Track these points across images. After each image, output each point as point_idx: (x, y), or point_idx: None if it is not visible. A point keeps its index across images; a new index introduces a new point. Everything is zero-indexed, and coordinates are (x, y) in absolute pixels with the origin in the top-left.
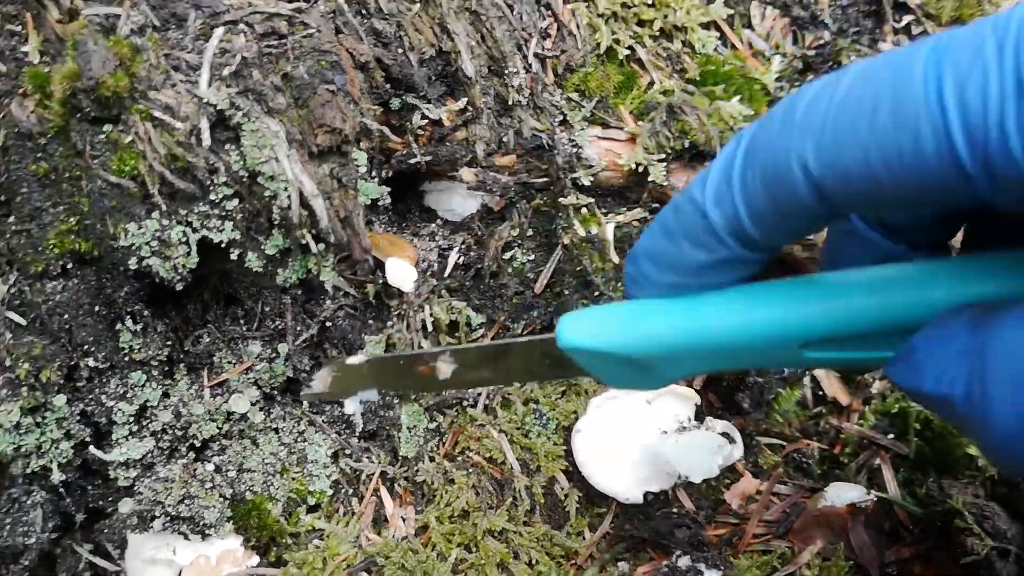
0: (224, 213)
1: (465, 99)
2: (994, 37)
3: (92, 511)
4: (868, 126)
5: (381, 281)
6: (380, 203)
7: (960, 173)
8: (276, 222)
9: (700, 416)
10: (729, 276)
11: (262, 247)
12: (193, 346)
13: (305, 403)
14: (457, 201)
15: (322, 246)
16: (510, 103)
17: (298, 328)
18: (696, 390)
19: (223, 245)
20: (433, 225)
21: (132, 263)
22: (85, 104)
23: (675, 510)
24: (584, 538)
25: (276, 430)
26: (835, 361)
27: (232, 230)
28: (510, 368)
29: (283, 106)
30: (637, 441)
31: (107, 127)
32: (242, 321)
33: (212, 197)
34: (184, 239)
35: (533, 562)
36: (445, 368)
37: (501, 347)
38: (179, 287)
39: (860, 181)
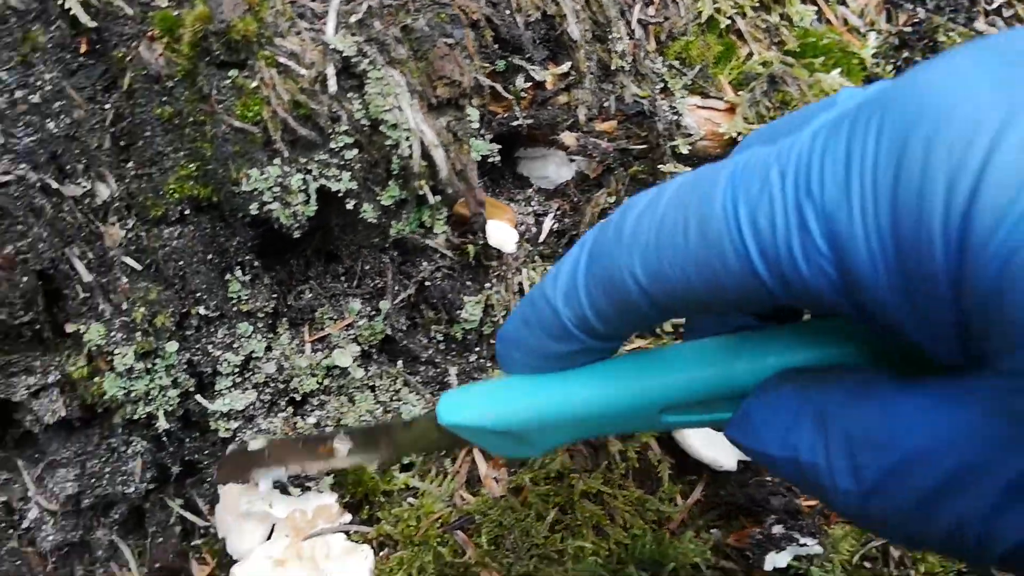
0: (343, 162)
1: (569, 63)
2: (777, 165)
3: (187, 464)
4: (683, 247)
5: (481, 242)
6: (489, 160)
7: (764, 288)
8: (394, 173)
9: None
10: (585, 360)
11: (378, 198)
12: (295, 301)
13: (400, 362)
14: (551, 168)
15: (438, 198)
16: (612, 68)
17: (396, 288)
18: None
19: (340, 194)
20: (530, 190)
21: (253, 208)
22: (215, 47)
23: (768, 479)
24: (676, 504)
25: (372, 388)
26: (692, 423)
27: (350, 180)
28: (400, 444)
29: (404, 57)
30: None
31: (233, 72)
32: (343, 278)
33: (332, 145)
34: (303, 187)
35: (628, 525)
36: (342, 448)
37: (386, 426)
38: (296, 235)
39: (682, 293)
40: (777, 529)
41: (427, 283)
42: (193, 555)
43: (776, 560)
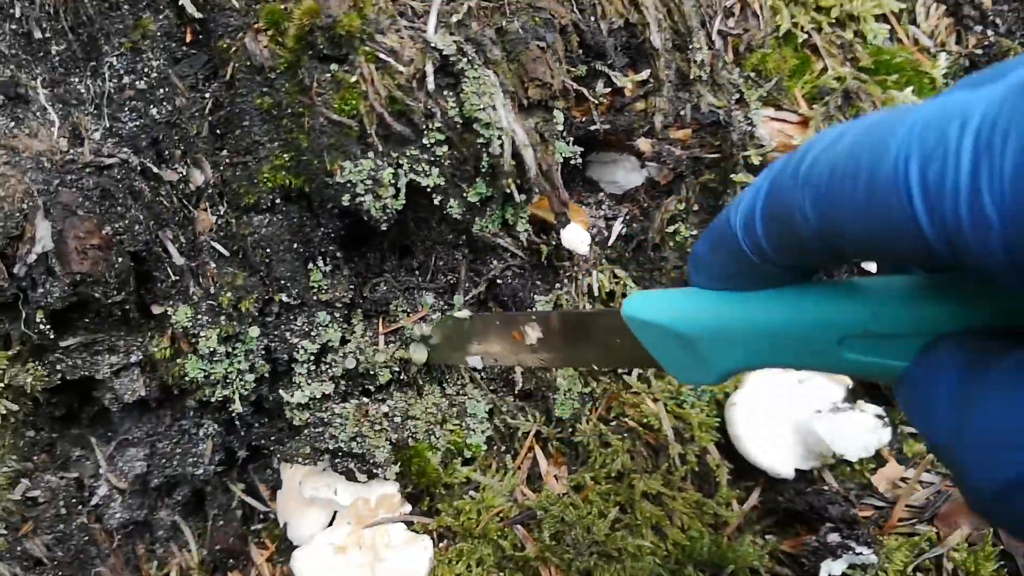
0: (433, 158)
1: (648, 71)
2: (960, 119)
3: (253, 449)
4: (851, 194)
5: (554, 244)
6: (571, 162)
7: (930, 250)
8: (482, 170)
9: (850, 399)
10: (766, 286)
11: (464, 194)
12: (371, 293)
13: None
14: (621, 174)
15: (523, 197)
16: (690, 77)
17: (467, 285)
18: None
19: (428, 189)
20: (600, 194)
21: (345, 200)
22: (319, 41)
23: (826, 487)
24: (733, 509)
25: (440, 382)
26: (870, 367)
27: (438, 175)
28: (587, 340)
29: (498, 58)
30: (791, 418)
31: (334, 66)
32: (417, 272)
33: (424, 141)
34: (394, 181)
35: (685, 527)
36: (532, 334)
37: (576, 315)
38: (383, 227)
39: (849, 239)
40: (833, 537)
41: (498, 280)
42: (253, 539)
43: (831, 568)
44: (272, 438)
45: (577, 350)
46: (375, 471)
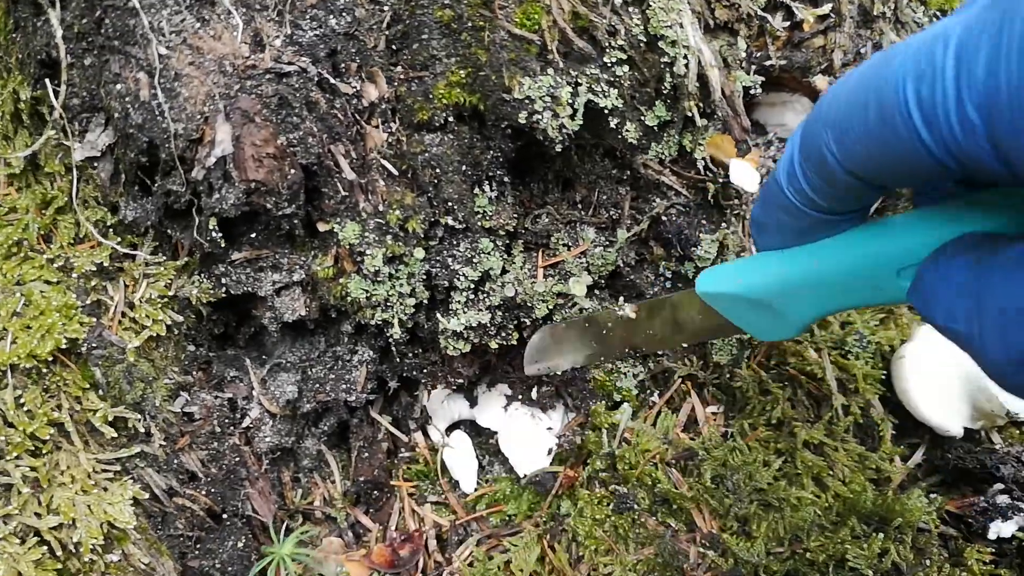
0: (613, 78)
1: (830, 5)
2: (942, 41)
3: (404, 380)
4: (863, 121)
5: (721, 181)
6: (751, 92)
7: (934, 159)
8: (663, 92)
9: None
10: (822, 235)
11: (642, 118)
12: (532, 224)
13: (622, 298)
14: (791, 116)
15: (704, 121)
16: (873, 14)
17: (628, 222)
18: None
19: (605, 112)
20: (772, 134)
21: (522, 117)
22: None
23: (996, 446)
24: (896, 464)
25: None
26: None
27: (617, 97)
28: (673, 322)
29: None
30: (961, 374)
31: None
32: (579, 206)
33: (605, 60)
34: (571, 100)
35: (847, 480)
36: (629, 310)
37: (661, 300)
38: (557, 149)
39: (872, 165)
40: (1002, 499)
41: (662, 218)
42: (397, 472)
43: (1001, 529)
44: (424, 370)
45: (667, 332)
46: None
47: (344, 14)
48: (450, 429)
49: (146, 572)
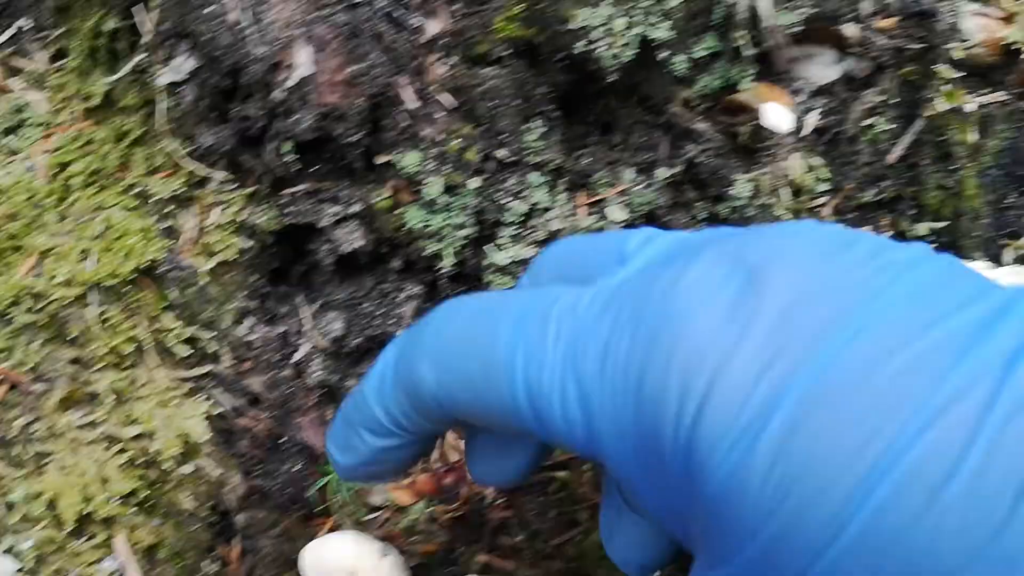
0: (665, 10)
1: None
2: (555, 324)
3: None
4: (466, 371)
5: (754, 123)
6: (791, 31)
7: (536, 433)
8: (714, 23)
9: None
10: (409, 455)
11: (690, 51)
12: (574, 164)
13: None
14: (814, 70)
15: (751, 52)
16: None
17: (665, 166)
18: None
19: (654, 44)
20: (800, 81)
21: (579, 46)
22: None
23: None
24: None
25: None
26: None
27: (669, 28)
28: None
29: None
30: None
31: None
32: (620, 147)
33: None
34: (625, 30)
35: None
36: None
37: None
38: (611, 78)
39: (467, 408)
40: None
41: (696, 160)
42: None
43: None
44: None
45: None
46: None
47: None
48: None
49: (218, 484)
